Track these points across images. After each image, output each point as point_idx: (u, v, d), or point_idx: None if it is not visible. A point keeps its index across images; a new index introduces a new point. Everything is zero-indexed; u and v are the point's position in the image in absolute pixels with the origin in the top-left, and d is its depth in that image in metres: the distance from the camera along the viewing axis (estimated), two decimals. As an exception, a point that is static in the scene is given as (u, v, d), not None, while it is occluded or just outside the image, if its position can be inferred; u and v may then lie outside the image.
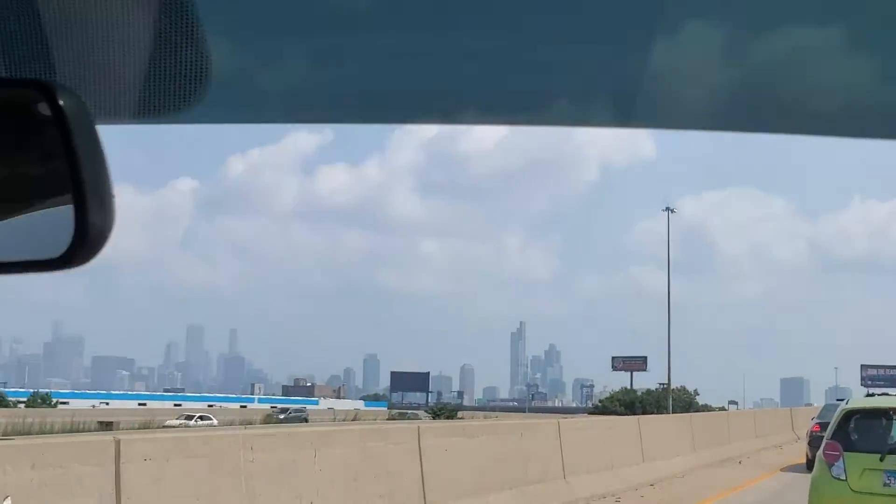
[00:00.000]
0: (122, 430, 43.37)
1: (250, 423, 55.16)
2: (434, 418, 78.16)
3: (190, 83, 1.96)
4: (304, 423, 62.33)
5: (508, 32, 2.20)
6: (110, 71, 1.90)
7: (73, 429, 43.88)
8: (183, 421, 66.55)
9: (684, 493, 20.83)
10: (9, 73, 1.84)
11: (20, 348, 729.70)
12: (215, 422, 66.11)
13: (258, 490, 9.95)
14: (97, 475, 8.02)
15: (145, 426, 54.83)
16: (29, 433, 37.66)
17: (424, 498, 13.16)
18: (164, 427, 56.13)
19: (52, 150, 1.40)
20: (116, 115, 1.98)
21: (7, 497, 6.69)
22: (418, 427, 13.43)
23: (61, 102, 1.42)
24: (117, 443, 8.29)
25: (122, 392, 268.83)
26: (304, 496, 10.66)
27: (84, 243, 1.40)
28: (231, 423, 52.18)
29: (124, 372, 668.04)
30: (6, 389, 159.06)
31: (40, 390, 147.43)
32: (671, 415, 30.57)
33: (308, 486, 10.78)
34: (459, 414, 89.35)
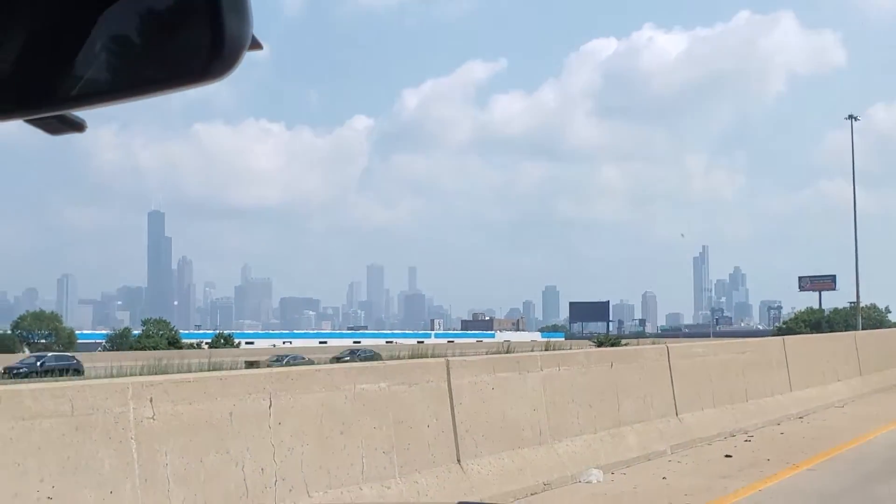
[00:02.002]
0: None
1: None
2: (599, 347, 75.06)
3: None
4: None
5: None
6: None
7: (213, 368, 42.56)
8: None
9: (840, 426, 17.21)
10: None
11: (213, 292, 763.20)
12: None
13: (161, 458, 7.20)
14: None
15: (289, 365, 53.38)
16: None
17: (457, 449, 10.22)
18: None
19: None
20: None
21: None
22: (447, 361, 10.42)
23: None
24: None
25: (305, 332, 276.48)
26: (248, 462, 7.85)
27: (221, 54, 1.32)
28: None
29: (310, 312, 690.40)
30: (199, 332, 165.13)
31: (225, 331, 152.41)
32: (829, 334, 26.54)
33: (256, 448, 7.98)
34: (624, 342, 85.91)
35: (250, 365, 54.21)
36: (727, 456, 13.65)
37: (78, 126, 1.52)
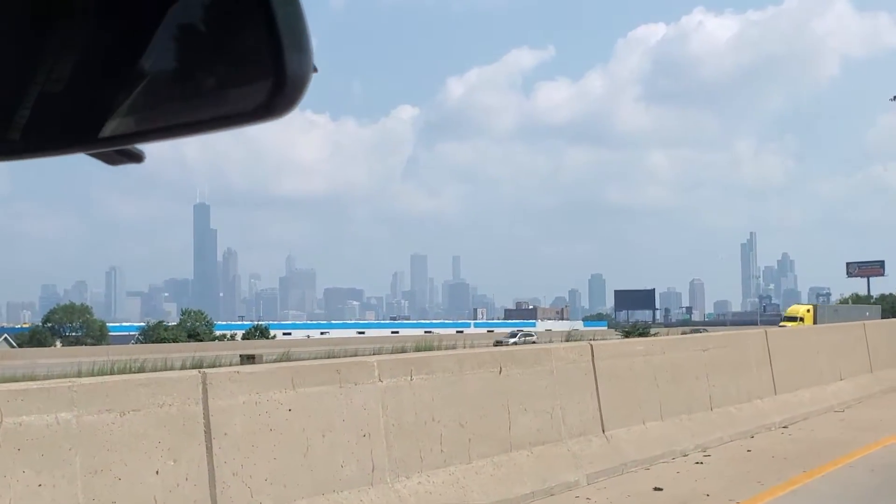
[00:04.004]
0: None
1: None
2: (626, 337, 71.77)
3: None
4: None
5: None
6: None
7: (194, 365, 39.74)
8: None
9: (829, 437, 13.97)
10: None
11: (258, 284, 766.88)
12: None
13: None
14: None
15: (285, 358, 50.32)
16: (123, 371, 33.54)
17: (214, 504, 7.14)
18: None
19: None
20: None
21: None
22: (203, 374, 7.32)
23: None
24: None
25: (343, 322, 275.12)
26: None
27: (283, 91, 1.28)
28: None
29: (354, 302, 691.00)
30: (240, 323, 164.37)
31: (262, 322, 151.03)
32: (831, 325, 23.20)
33: None
34: (654, 330, 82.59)
35: (246, 359, 51.22)
36: (657, 489, 10.45)
37: (136, 157, 1.52)
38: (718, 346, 14.58)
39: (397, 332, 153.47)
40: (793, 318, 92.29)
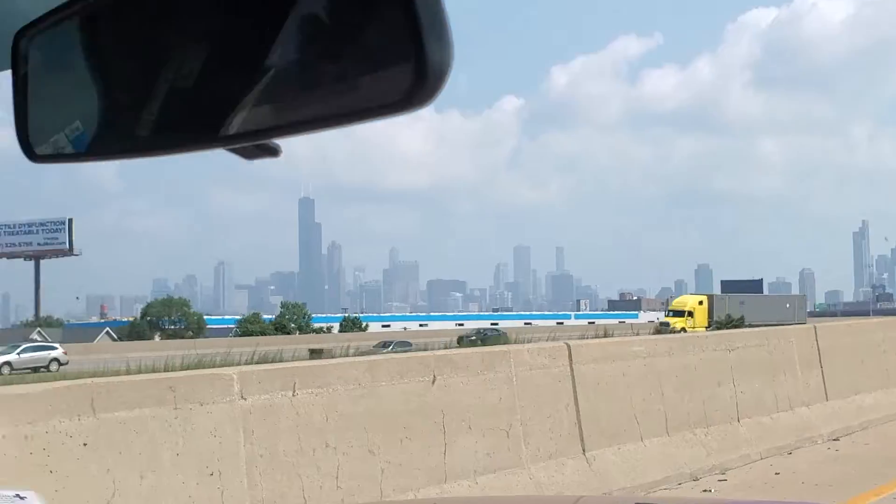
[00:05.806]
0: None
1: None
2: (718, 329, 68.72)
3: None
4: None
5: None
6: None
7: (263, 359, 38.35)
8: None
9: (889, 455, 11.59)
10: None
11: (362, 276, 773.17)
12: None
13: None
14: None
15: (330, 354, 48.70)
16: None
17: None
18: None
19: None
20: None
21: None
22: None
23: None
24: None
25: (444, 314, 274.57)
26: None
27: (424, 83, 1.20)
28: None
29: (457, 294, 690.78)
30: (342, 315, 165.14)
31: (349, 314, 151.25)
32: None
33: None
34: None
35: (314, 353, 49.61)
36: (634, 529, 8.29)
37: (273, 151, 1.46)
38: (750, 344, 12.24)
39: (496, 325, 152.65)
40: (679, 313, 78.68)
